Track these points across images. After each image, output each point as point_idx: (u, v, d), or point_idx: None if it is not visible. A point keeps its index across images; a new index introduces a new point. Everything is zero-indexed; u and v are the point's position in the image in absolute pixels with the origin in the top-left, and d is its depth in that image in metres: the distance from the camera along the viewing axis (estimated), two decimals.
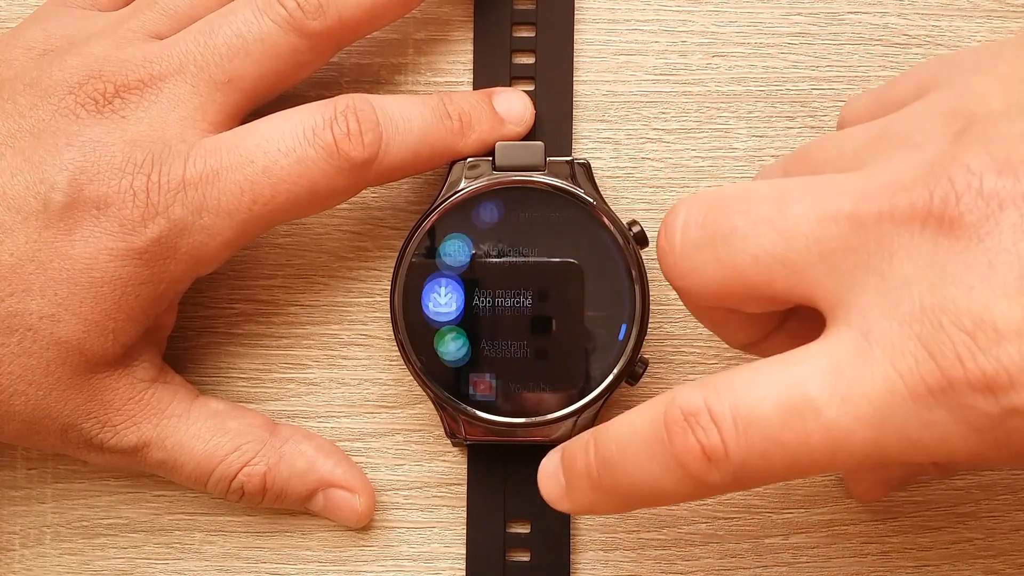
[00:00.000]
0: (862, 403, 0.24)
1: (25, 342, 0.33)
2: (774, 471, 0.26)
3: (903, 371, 0.24)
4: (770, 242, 0.26)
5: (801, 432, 0.25)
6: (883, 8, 0.38)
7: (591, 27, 0.39)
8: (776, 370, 0.26)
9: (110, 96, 0.33)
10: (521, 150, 0.36)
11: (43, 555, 0.39)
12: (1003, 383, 0.23)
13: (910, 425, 0.24)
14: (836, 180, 0.27)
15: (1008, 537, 0.38)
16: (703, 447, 0.26)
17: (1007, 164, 0.24)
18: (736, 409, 0.25)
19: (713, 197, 0.28)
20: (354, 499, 0.37)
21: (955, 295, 0.24)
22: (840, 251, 0.26)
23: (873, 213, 0.25)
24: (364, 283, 0.39)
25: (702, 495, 0.27)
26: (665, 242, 0.28)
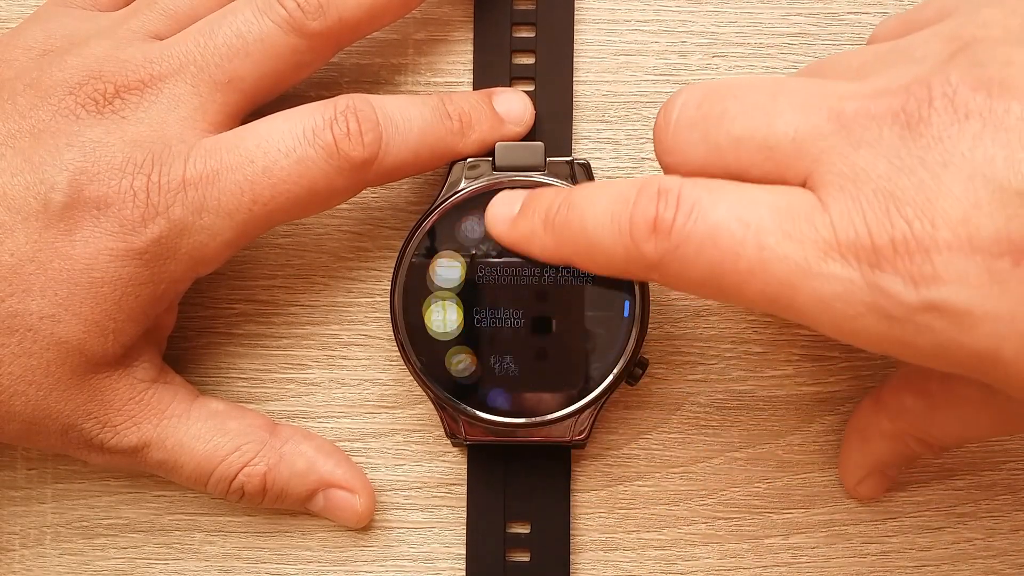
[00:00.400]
0: (796, 247, 0.26)
1: (25, 342, 0.33)
2: (694, 269, 0.28)
3: (841, 236, 0.26)
4: (754, 126, 0.28)
5: (738, 241, 0.27)
6: (883, 8, 0.38)
7: (591, 27, 0.39)
8: (749, 189, 0.28)
9: (110, 96, 0.33)
10: (521, 150, 0.36)
11: (43, 555, 0.39)
12: (927, 274, 0.25)
13: (828, 286, 0.26)
14: (832, 83, 0.29)
15: (1008, 537, 0.38)
16: (657, 215, 0.28)
17: (985, 83, 0.25)
18: (699, 200, 0.28)
19: (715, 83, 0.30)
20: (354, 499, 0.37)
21: (905, 185, 0.25)
22: (813, 137, 0.27)
23: (852, 110, 0.27)
24: (364, 283, 0.39)
25: (628, 266, 0.29)
26: (662, 119, 0.30)
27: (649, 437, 0.38)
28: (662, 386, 0.38)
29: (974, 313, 0.25)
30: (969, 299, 0.24)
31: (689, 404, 0.38)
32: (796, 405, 0.38)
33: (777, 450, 0.38)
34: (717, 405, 0.38)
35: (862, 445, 0.36)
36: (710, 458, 0.38)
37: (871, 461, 0.36)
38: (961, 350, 0.25)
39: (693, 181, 0.28)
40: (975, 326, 0.25)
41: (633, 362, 0.35)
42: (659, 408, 0.38)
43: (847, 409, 0.38)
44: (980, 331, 0.25)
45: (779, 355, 0.38)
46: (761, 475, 0.38)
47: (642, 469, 0.38)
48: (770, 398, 0.38)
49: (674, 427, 0.38)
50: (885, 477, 0.37)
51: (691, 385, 0.38)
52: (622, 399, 0.38)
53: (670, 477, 0.38)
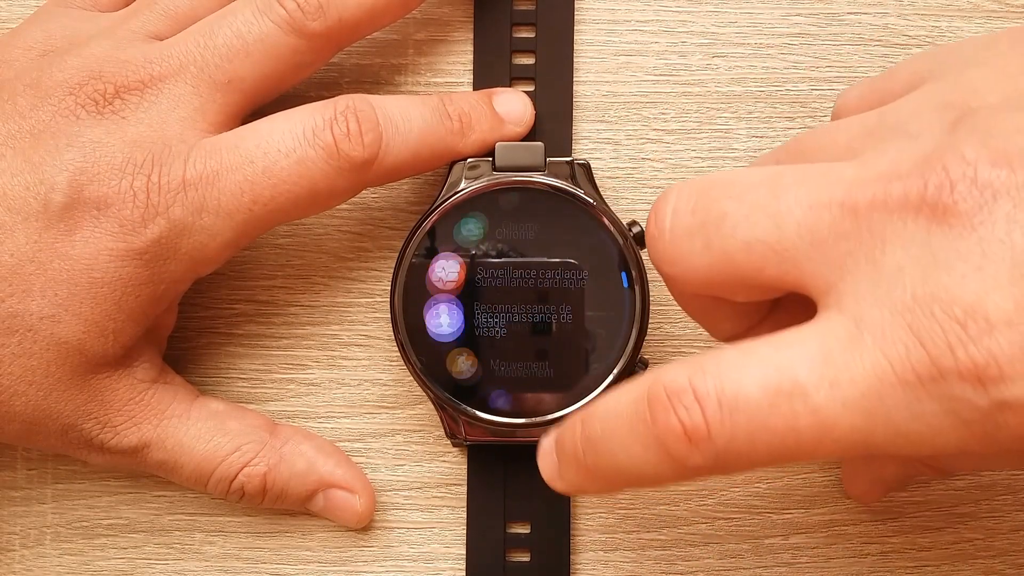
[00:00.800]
0: (851, 389, 0.24)
1: (25, 343, 0.33)
2: (758, 455, 0.25)
3: (893, 359, 0.24)
4: (762, 228, 0.26)
5: (789, 415, 0.24)
6: (883, 8, 0.38)
7: (591, 28, 0.39)
8: (765, 352, 0.25)
9: (110, 97, 0.33)
10: (521, 151, 0.36)
11: (43, 555, 0.39)
12: (993, 374, 0.23)
13: (898, 414, 0.24)
14: (830, 168, 0.26)
15: (1008, 537, 0.38)
16: (685, 427, 0.25)
17: (1002, 155, 0.24)
18: (721, 389, 0.25)
19: (704, 183, 0.28)
20: (354, 499, 0.37)
21: (947, 284, 0.23)
22: (832, 238, 0.25)
23: (867, 201, 0.25)
24: (364, 283, 0.39)
25: (684, 478, 0.27)
26: (655, 228, 0.28)
27: None
28: None
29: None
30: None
31: None
32: None
33: None
34: None
35: (868, 462, 0.36)
36: None
37: (876, 476, 0.36)
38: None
39: (696, 367, 0.26)
40: None
41: (633, 362, 0.35)
42: None
43: None
44: None
45: None
46: (761, 475, 0.38)
47: None
48: None
49: None
50: (888, 486, 0.37)
51: None
52: None
53: None
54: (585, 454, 0.28)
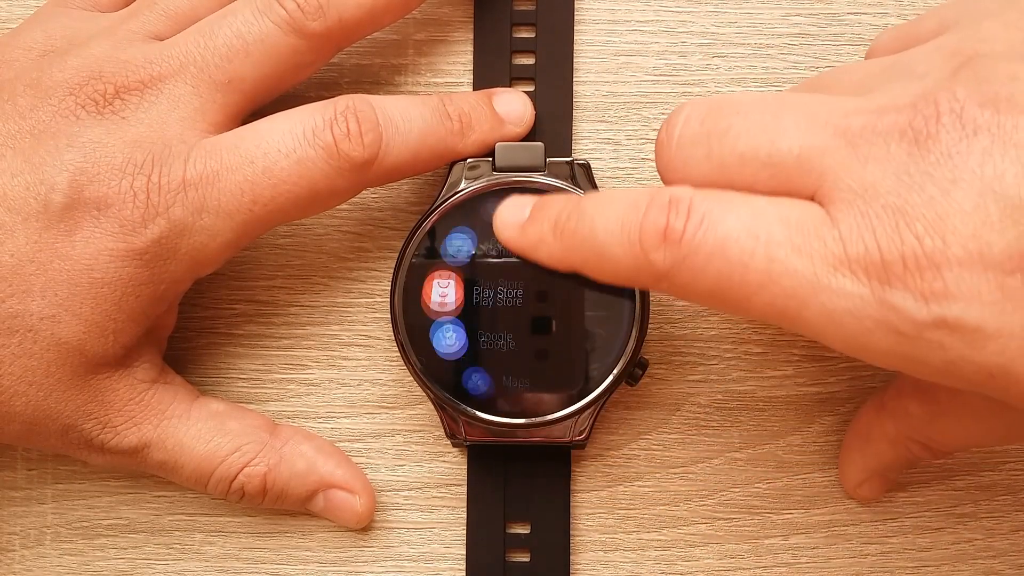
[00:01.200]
0: (806, 260, 0.26)
1: (26, 343, 0.33)
2: (703, 279, 0.27)
3: (851, 252, 0.26)
4: (757, 142, 0.28)
5: (748, 252, 0.27)
6: (883, 9, 0.39)
7: (591, 28, 0.39)
8: (760, 202, 0.27)
9: (110, 97, 0.33)
10: (521, 151, 0.36)
11: (43, 556, 0.39)
12: (937, 290, 0.24)
13: (837, 301, 0.26)
14: (834, 99, 0.28)
15: (1008, 538, 0.38)
16: (667, 224, 0.27)
17: (992, 98, 0.25)
18: (710, 211, 0.27)
19: (718, 99, 0.30)
20: (354, 500, 0.37)
21: (916, 201, 0.25)
22: (819, 153, 0.27)
23: (859, 126, 0.27)
24: (364, 284, 0.39)
25: (637, 275, 0.29)
26: (664, 135, 0.30)
27: (649, 437, 0.39)
28: (662, 386, 0.38)
29: (985, 330, 0.24)
30: (980, 316, 0.24)
31: (689, 404, 0.38)
32: (796, 406, 0.38)
33: (777, 450, 0.38)
34: (717, 405, 0.38)
35: (863, 447, 0.36)
36: (710, 458, 0.38)
37: (872, 464, 0.36)
38: (971, 367, 0.25)
39: (705, 192, 0.28)
40: (986, 343, 0.25)
41: (633, 362, 0.35)
42: (659, 408, 0.38)
43: (847, 410, 0.38)
44: (991, 347, 0.25)
45: (779, 356, 0.38)
46: (761, 475, 0.38)
47: (642, 469, 0.38)
48: (770, 399, 0.38)
49: (674, 427, 0.38)
50: (885, 479, 0.37)
51: (691, 385, 0.38)
52: (622, 399, 0.38)
53: (670, 477, 0.38)
54: (569, 217, 0.30)
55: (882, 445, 0.35)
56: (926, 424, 0.34)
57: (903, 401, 0.34)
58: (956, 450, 0.36)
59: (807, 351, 0.38)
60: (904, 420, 0.34)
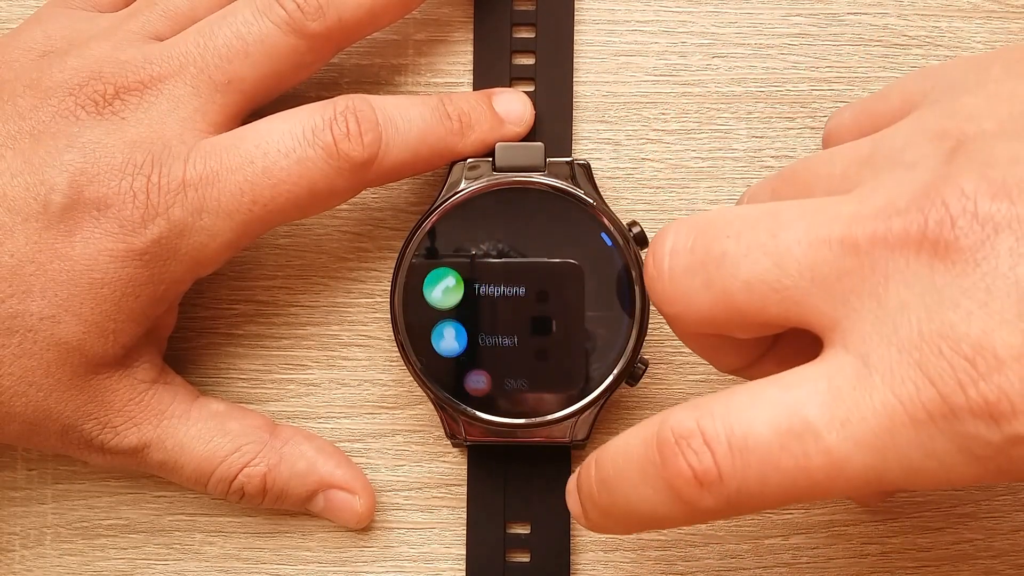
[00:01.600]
0: (862, 428, 0.24)
1: (25, 343, 0.33)
2: (770, 496, 0.25)
3: (903, 397, 0.24)
4: (762, 267, 0.26)
5: (801, 456, 0.24)
6: (883, 9, 0.38)
7: (591, 28, 0.39)
8: (774, 392, 0.25)
9: (110, 97, 0.33)
10: (521, 151, 0.36)
11: (43, 556, 0.39)
12: (1005, 410, 0.23)
13: (911, 452, 0.24)
14: (828, 203, 0.26)
15: (1008, 538, 0.38)
16: (694, 471, 0.25)
17: (1002, 187, 0.24)
18: (731, 431, 0.25)
19: (701, 221, 0.28)
20: (354, 500, 0.37)
21: (953, 321, 0.23)
22: (834, 276, 0.25)
23: (867, 237, 0.25)
24: (364, 284, 0.39)
25: (697, 520, 0.26)
26: (653, 268, 0.28)
27: None
28: (662, 386, 0.38)
29: None
30: None
31: None
32: None
33: None
34: None
35: None
36: None
37: None
38: None
39: (704, 409, 0.26)
40: None
41: (633, 362, 0.35)
42: (659, 408, 0.38)
43: None
44: None
45: None
46: None
47: None
48: None
49: None
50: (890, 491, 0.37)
51: (691, 385, 0.38)
52: (622, 399, 0.38)
53: None
54: (600, 495, 0.28)
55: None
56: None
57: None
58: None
59: None
60: None
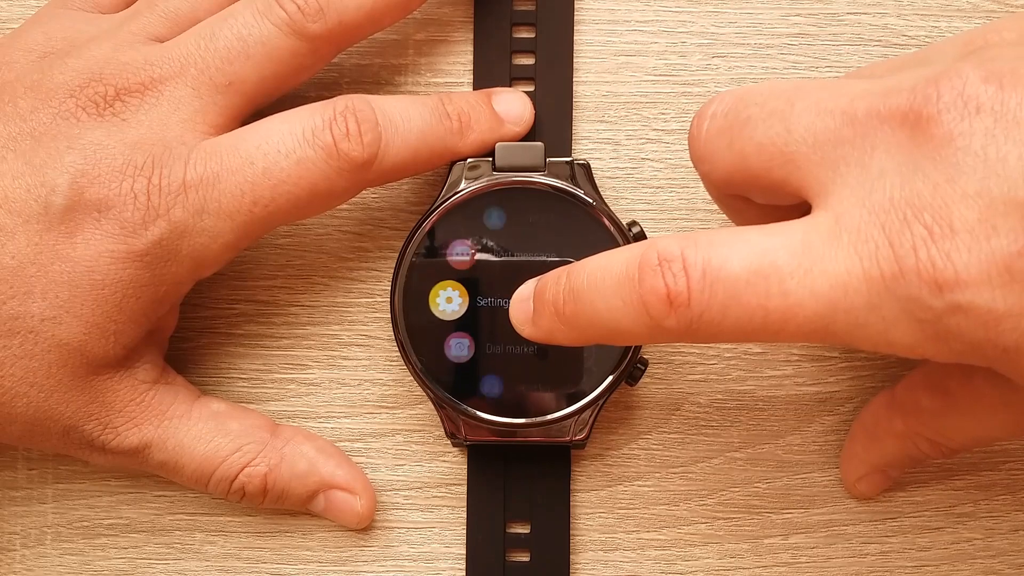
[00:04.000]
0: (821, 279, 0.26)
1: (27, 344, 0.33)
2: (726, 328, 0.27)
3: (863, 255, 0.26)
4: (774, 131, 0.28)
5: (761, 294, 0.26)
6: (882, 9, 0.39)
7: (591, 28, 0.39)
8: (754, 236, 0.27)
9: (110, 99, 0.33)
10: (521, 151, 0.37)
11: (44, 555, 0.39)
12: (949, 278, 0.24)
13: (859, 307, 0.26)
14: (846, 82, 0.29)
15: (1007, 537, 0.38)
16: (668, 290, 0.27)
17: (995, 74, 0.25)
18: (708, 261, 0.27)
19: (742, 90, 0.30)
20: (355, 501, 0.37)
21: (920, 190, 0.25)
22: (831, 143, 0.27)
23: (864, 109, 0.27)
24: (364, 284, 0.39)
25: (654, 338, 0.29)
26: (695, 128, 0.31)
27: (649, 437, 0.39)
28: (662, 386, 0.38)
29: (997, 311, 0.25)
30: (991, 298, 0.24)
31: (689, 404, 0.38)
32: (796, 405, 0.38)
33: (777, 450, 0.38)
34: (717, 405, 0.38)
35: (869, 443, 0.36)
36: (710, 458, 0.38)
37: (876, 459, 0.36)
38: (990, 346, 0.25)
39: (690, 240, 0.28)
40: (999, 323, 0.25)
41: (633, 362, 0.36)
42: (659, 408, 0.39)
43: (847, 409, 0.38)
44: (1004, 327, 0.25)
45: (778, 355, 0.38)
46: (761, 475, 0.38)
47: (642, 469, 0.38)
48: (770, 398, 0.38)
49: (674, 427, 0.38)
50: (886, 476, 0.37)
51: (691, 385, 0.38)
52: (622, 399, 0.38)
53: (670, 477, 0.38)
54: (565, 302, 0.30)
55: (889, 441, 0.36)
56: (937, 418, 0.34)
57: (914, 394, 0.34)
58: (965, 447, 0.36)
59: (806, 351, 0.38)
60: (915, 414, 0.34)
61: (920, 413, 0.34)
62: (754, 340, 0.28)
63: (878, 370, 0.38)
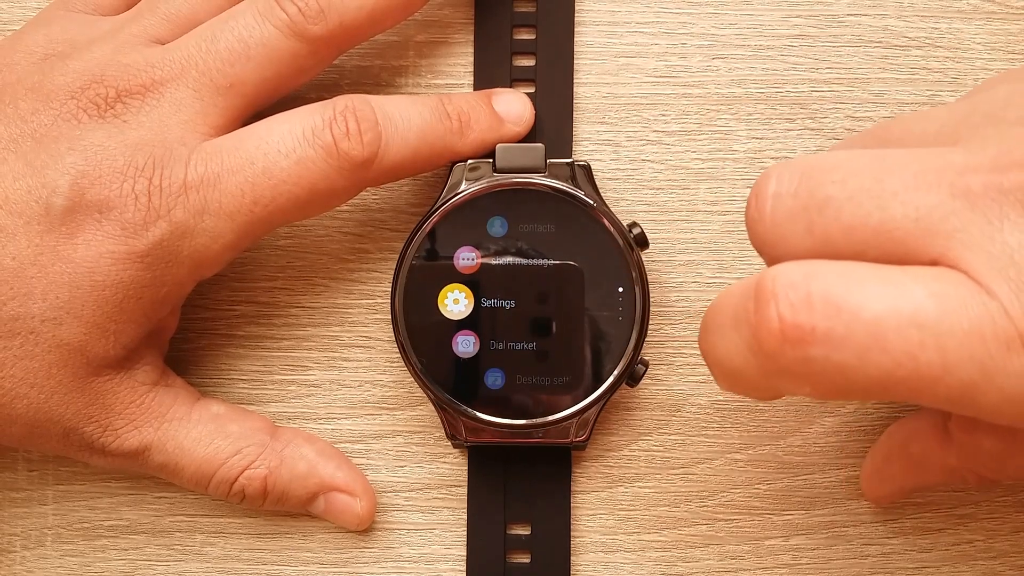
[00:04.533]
0: (977, 342, 0.23)
1: (27, 345, 0.33)
2: (858, 379, 0.24)
3: (1019, 320, 0.23)
4: (865, 211, 0.25)
5: (914, 344, 0.23)
6: (883, 10, 0.38)
7: (591, 29, 0.39)
8: (898, 276, 0.24)
9: (112, 101, 0.33)
10: (521, 152, 0.37)
11: (44, 557, 0.39)
12: None
13: (1011, 376, 0.23)
14: (938, 152, 0.26)
15: (1008, 539, 0.38)
16: (782, 323, 0.24)
17: None
18: (844, 297, 0.24)
19: (807, 165, 0.27)
20: (355, 503, 0.37)
21: None
22: (940, 217, 0.25)
23: (979, 186, 0.24)
24: (365, 285, 0.39)
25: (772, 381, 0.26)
26: (755, 211, 0.27)
27: (649, 438, 0.39)
28: (662, 388, 0.38)
29: None
30: None
31: (689, 405, 0.38)
32: (796, 407, 0.38)
33: (778, 451, 0.38)
34: (717, 406, 0.38)
35: (912, 468, 0.35)
36: (710, 459, 0.38)
37: (915, 485, 0.36)
38: None
39: (816, 267, 0.25)
40: None
41: (634, 363, 0.36)
42: (659, 409, 0.38)
43: (847, 411, 0.38)
44: None
45: None
46: (762, 476, 0.38)
47: (642, 470, 0.38)
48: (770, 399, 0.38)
49: (675, 428, 0.38)
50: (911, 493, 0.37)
51: (691, 386, 0.38)
52: (622, 400, 0.38)
53: (671, 478, 0.38)
54: (700, 339, 0.28)
55: (936, 473, 0.34)
56: (999, 459, 0.32)
57: (975, 436, 0.32)
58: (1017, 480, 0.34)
59: None
60: (973, 456, 0.32)
61: (980, 455, 0.32)
62: (885, 396, 0.25)
63: None
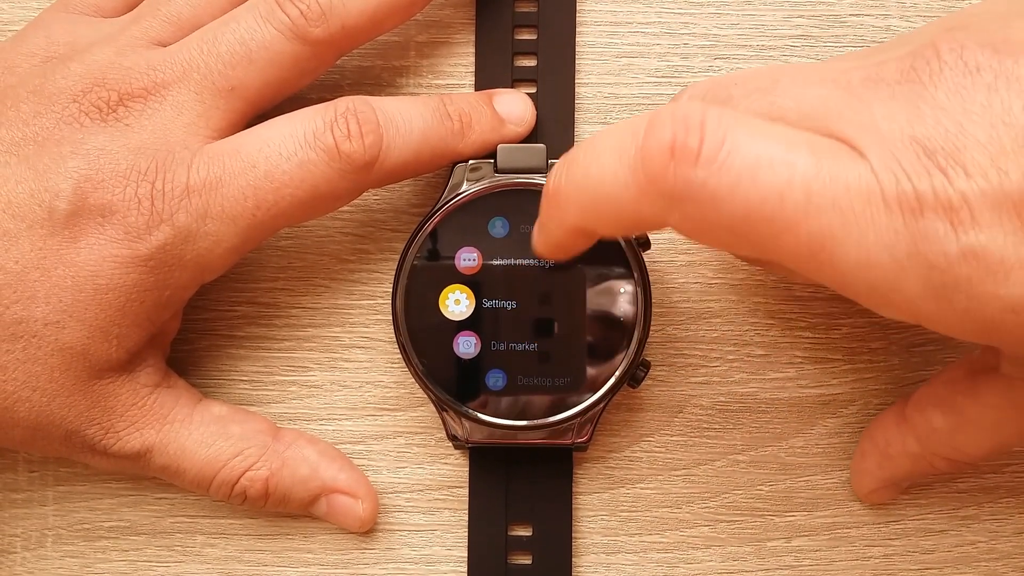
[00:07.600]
0: (843, 192, 0.25)
1: (30, 348, 0.33)
2: (727, 210, 0.25)
3: (884, 182, 0.25)
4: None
5: (784, 181, 0.25)
6: (885, 10, 0.38)
7: (593, 29, 0.39)
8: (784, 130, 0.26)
9: (114, 104, 0.33)
10: (523, 153, 0.36)
11: (44, 557, 0.39)
12: (965, 219, 0.24)
13: (872, 236, 0.25)
14: (829, 61, 0.29)
15: (1011, 540, 0.38)
16: (675, 141, 0.25)
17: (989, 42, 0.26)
18: (731, 130, 0.25)
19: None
20: (356, 505, 0.37)
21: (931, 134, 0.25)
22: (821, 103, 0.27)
23: (858, 78, 0.27)
24: (366, 285, 0.39)
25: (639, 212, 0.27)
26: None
27: (651, 440, 0.39)
28: (664, 389, 0.38)
29: (1008, 260, 0.24)
30: (1003, 245, 0.24)
31: (691, 407, 0.38)
32: (798, 408, 0.38)
33: (780, 453, 0.38)
34: (719, 408, 0.38)
35: (883, 461, 0.36)
36: (712, 461, 0.38)
37: (890, 476, 0.36)
38: (995, 302, 0.25)
39: (720, 109, 0.26)
40: (1008, 274, 0.24)
41: (635, 364, 0.36)
42: (661, 411, 0.38)
43: (849, 412, 0.38)
44: (1013, 279, 0.24)
45: (781, 357, 0.38)
46: (764, 478, 0.38)
47: (644, 472, 0.38)
48: (772, 400, 0.38)
49: (676, 430, 0.38)
50: (900, 487, 0.37)
51: (693, 388, 0.38)
52: (624, 401, 0.38)
53: (672, 480, 0.38)
54: (560, 174, 0.28)
55: (904, 461, 0.35)
56: (952, 435, 0.33)
57: (925, 415, 0.34)
58: (982, 459, 0.35)
59: (809, 353, 0.38)
60: (929, 436, 0.34)
61: (934, 434, 0.34)
62: (742, 244, 0.26)
63: (881, 372, 0.38)
